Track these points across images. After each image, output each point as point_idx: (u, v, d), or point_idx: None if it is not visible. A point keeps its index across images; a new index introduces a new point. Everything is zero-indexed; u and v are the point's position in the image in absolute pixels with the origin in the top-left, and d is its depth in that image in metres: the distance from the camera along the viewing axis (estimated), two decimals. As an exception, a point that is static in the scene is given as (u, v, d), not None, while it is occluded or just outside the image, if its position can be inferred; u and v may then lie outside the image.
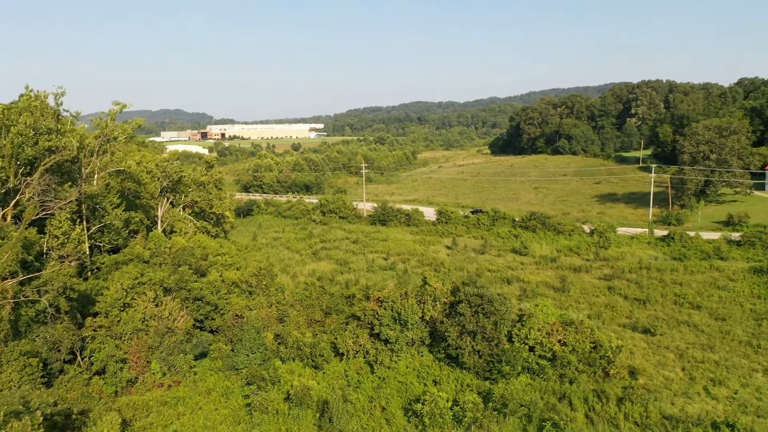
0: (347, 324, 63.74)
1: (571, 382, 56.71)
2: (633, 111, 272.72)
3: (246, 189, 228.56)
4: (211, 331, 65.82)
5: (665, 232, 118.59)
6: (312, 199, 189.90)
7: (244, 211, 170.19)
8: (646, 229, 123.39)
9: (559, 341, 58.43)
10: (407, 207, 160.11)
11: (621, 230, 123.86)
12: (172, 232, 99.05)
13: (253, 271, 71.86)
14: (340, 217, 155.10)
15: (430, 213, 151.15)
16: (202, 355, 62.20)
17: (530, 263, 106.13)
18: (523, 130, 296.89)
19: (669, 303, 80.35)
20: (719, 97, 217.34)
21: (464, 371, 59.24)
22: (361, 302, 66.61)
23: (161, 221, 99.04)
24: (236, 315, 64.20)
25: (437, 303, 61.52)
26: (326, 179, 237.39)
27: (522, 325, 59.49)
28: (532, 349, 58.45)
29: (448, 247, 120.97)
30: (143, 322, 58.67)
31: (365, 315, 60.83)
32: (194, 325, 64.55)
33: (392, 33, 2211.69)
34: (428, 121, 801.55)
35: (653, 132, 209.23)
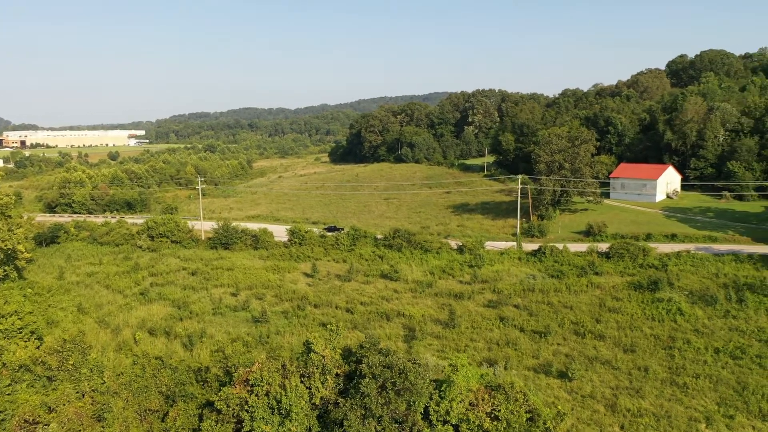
0: (202, 417, 45.18)
1: (505, 466, 44.24)
2: (470, 119, 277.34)
3: (51, 208, 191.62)
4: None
5: (533, 246, 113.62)
6: (136, 220, 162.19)
7: (48, 239, 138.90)
8: (514, 243, 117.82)
9: (489, 413, 45.51)
10: (252, 226, 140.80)
11: (488, 245, 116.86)
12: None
13: (53, 345, 49.92)
14: (172, 242, 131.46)
15: (279, 232, 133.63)
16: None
17: (405, 290, 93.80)
18: (365, 138, 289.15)
19: (569, 334, 72.14)
20: (552, 107, 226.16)
21: (367, 465, 44.24)
22: (219, 381, 48.28)
23: None
24: (26, 421, 42.70)
25: (328, 377, 45.50)
26: (152, 194, 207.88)
27: (441, 396, 45.66)
28: (456, 428, 44.84)
29: (308, 275, 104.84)
30: None
31: (229, 406, 42.88)
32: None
33: (218, 34, 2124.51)
34: (260, 127, 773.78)
35: (496, 140, 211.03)
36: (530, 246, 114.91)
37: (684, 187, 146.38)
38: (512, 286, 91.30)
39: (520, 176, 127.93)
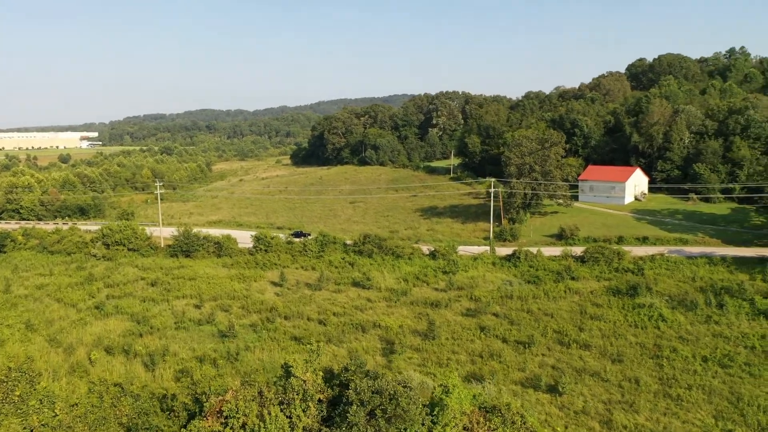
0: (169, 453, 40.45)
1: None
2: (434, 121, 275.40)
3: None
4: None
5: (507, 250, 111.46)
6: (90, 227, 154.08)
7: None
8: (487, 247, 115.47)
9: (485, 439, 42.13)
10: (214, 232, 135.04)
11: (461, 249, 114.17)
12: None
13: (-4, 374, 44.25)
14: (130, 250, 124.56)
15: (243, 238, 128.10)
16: None
17: (378, 299, 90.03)
18: (327, 140, 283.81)
19: (553, 344, 69.59)
20: (516, 109, 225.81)
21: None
22: (188, 411, 43.54)
23: None
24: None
25: (310, 404, 41.36)
26: (107, 199, 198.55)
27: (433, 422, 42.04)
28: (451, 456, 41.31)
29: (276, 284, 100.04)
30: None
31: (201, 441, 38.35)
32: None
33: (173, 33, 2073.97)
34: (218, 129, 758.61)
35: (461, 142, 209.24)
36: (504, 250, 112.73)
37: (651, 189, 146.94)
38: (489, 293, 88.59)
39: (492, 180, 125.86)
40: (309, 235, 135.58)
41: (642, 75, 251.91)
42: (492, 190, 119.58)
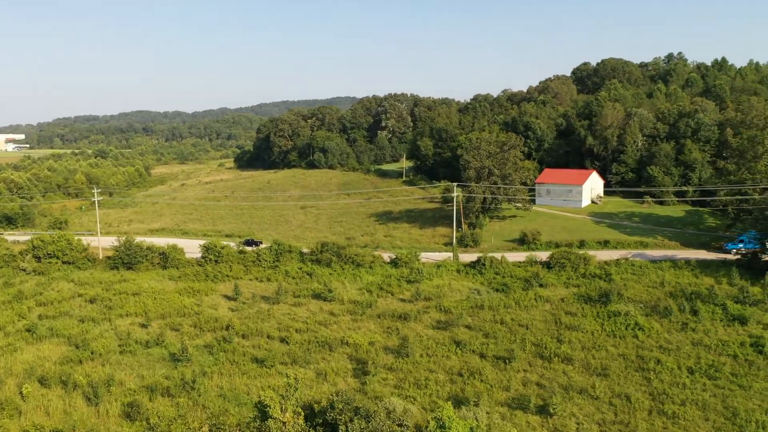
0: None
1: None
2: (383, 124, 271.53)
3: None
4: None
5: (470, 257, 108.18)
6: (18, 237, 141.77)
7: None
8: (449, 254, 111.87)
9: (488, 479, 37.65)
10: (158, 241, 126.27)
11: (423, 256, 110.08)
12: None
13: None
14: (64, 263, 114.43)
15: (190, 247, 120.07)
16: None
17: (342, 312, 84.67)
18: (274, 143, 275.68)
19: (534, 358, 66.15)
20: (467, 112, 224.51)
21: None
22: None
23: None
24: None
25: (292, 450, 35.76)
26: (36, 207, 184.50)
27: (431, 462, 37.24)
28: (453, 502, 36.62)
29: (229, 297, 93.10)
30: None
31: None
32: None
33: (105, 29, 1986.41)
34: (155, 132, 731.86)
35: (414, 145, 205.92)
36: (467, 257, 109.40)
37: (606, 192, 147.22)
38: (458, 303, 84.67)
39: (449, 183, 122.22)
40: (261, 243, 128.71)
41: (587, 78, 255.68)
42: (454, 194, 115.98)
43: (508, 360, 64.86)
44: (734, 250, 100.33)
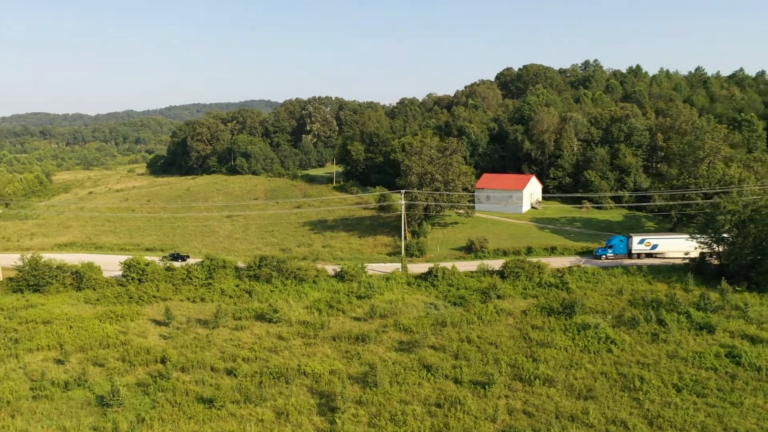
0: None
1: None
2: (308, 128, 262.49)
3: None
4: None
5: (419, 267, 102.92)
6: None
7: None
8: (396, 265, 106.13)
9: None
10: (68, 258, 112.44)
11: (370, 269, 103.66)
12: None
13: None
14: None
15: (107, 264, 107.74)
16: None
17: (292, 335, 76.64)
18: (191, 147, 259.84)
19: (512, 381, 61.13)
20: (396, 116, 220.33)
21: None
22: None
23: None
24: None
25: None
26: None
27: None
28: None
29: (159, 322, 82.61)
30: None
31: None
32: None
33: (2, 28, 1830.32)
34: (54, 135, 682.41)
35: (344, 149, 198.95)
36: (414, 267, 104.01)
37: (544, 197, 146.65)
38: (418, 320, 78.75)
39: (401, 191, 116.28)
40: (187, 257, 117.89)
41: (511, 83, 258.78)
42: (402, 202, 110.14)
43: (485, 385, 59.47)
44: (603, 256, 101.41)
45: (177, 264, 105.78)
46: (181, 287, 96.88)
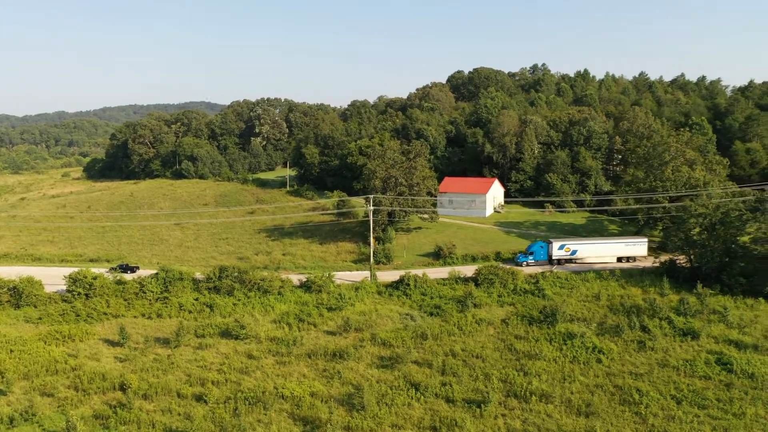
0: None
1: None
2: (257, 130, 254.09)
3: None
4: None
5: (388, 275, 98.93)
6: None
7: None
8: (362, 272, 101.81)
9: None
10: (2, 271, 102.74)
11: (337, 277, 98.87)
12: None
13: None
14: None
15: (49, 278, 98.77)
16: None
17: (262, 353, 71.20)
18: (133, 151, 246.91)
19: (508, 399, 57.90)
20: (349, 118, 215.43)
21: None
22: None
23: None
24: None
25: None
26: None
27: None
28: None
29: (114, 343, 75.37)
30: None
31: None
32: None
33: None
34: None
35: (298, 152, 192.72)
36: (383, 275, 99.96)
37: (506, 201, 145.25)
38: (395, 333, 74.75)
39: (370, 197, 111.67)
40: (137, 268, 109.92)
41: (462, 86, 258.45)
42: (371, 207, 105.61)
43: (480, 404, 55.99)
44: (525, 263, 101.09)
45: (128, 276, 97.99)
46: (134, 302, 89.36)
